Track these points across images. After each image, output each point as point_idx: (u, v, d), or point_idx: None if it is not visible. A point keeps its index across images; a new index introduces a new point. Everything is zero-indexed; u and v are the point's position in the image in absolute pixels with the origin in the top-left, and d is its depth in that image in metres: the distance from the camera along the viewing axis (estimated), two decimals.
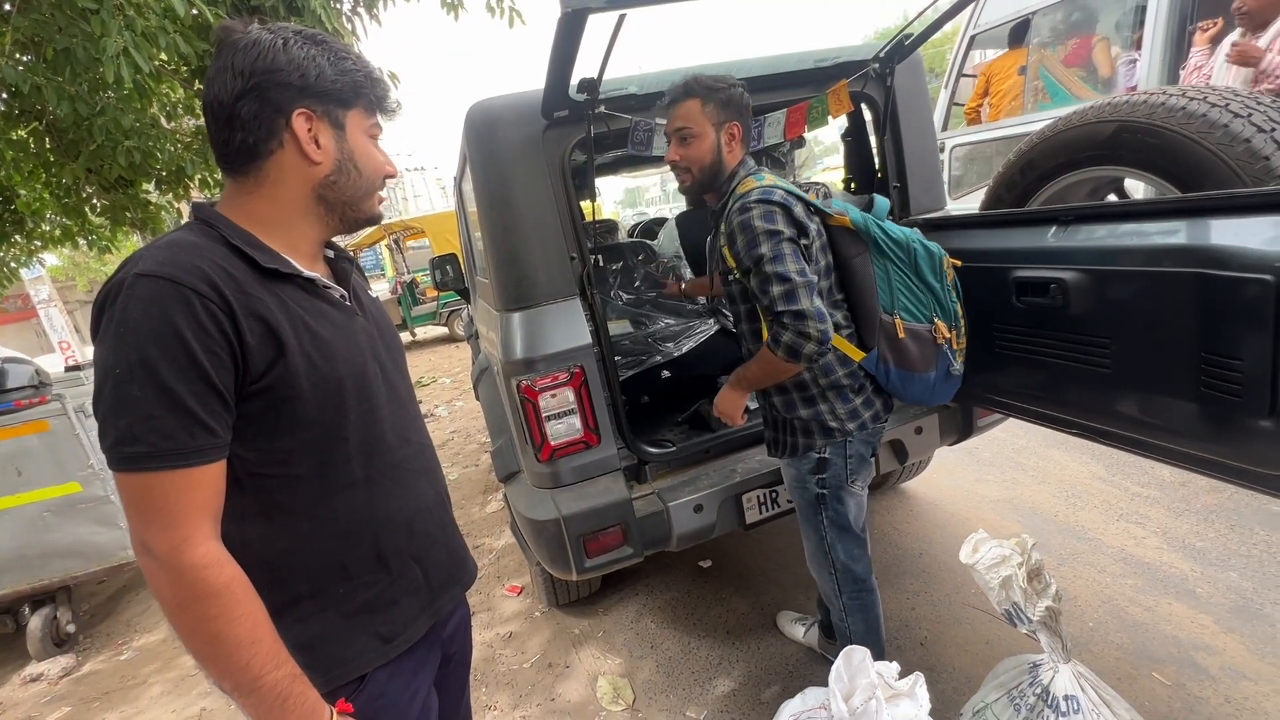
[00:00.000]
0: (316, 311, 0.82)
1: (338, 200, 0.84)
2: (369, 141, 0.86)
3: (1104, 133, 1.46)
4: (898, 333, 1.47)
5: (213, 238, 0.76)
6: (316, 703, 0.75)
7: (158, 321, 0.67)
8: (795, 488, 1.59)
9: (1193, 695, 1.69)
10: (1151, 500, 2.60)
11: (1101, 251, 1.36)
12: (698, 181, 1.48)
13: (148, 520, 0.68)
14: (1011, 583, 1.22)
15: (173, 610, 0.69)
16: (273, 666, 0.71)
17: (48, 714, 2.49)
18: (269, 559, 0.78)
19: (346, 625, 0.83)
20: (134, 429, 0.67)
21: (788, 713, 1.37)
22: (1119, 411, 1.44)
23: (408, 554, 0.89)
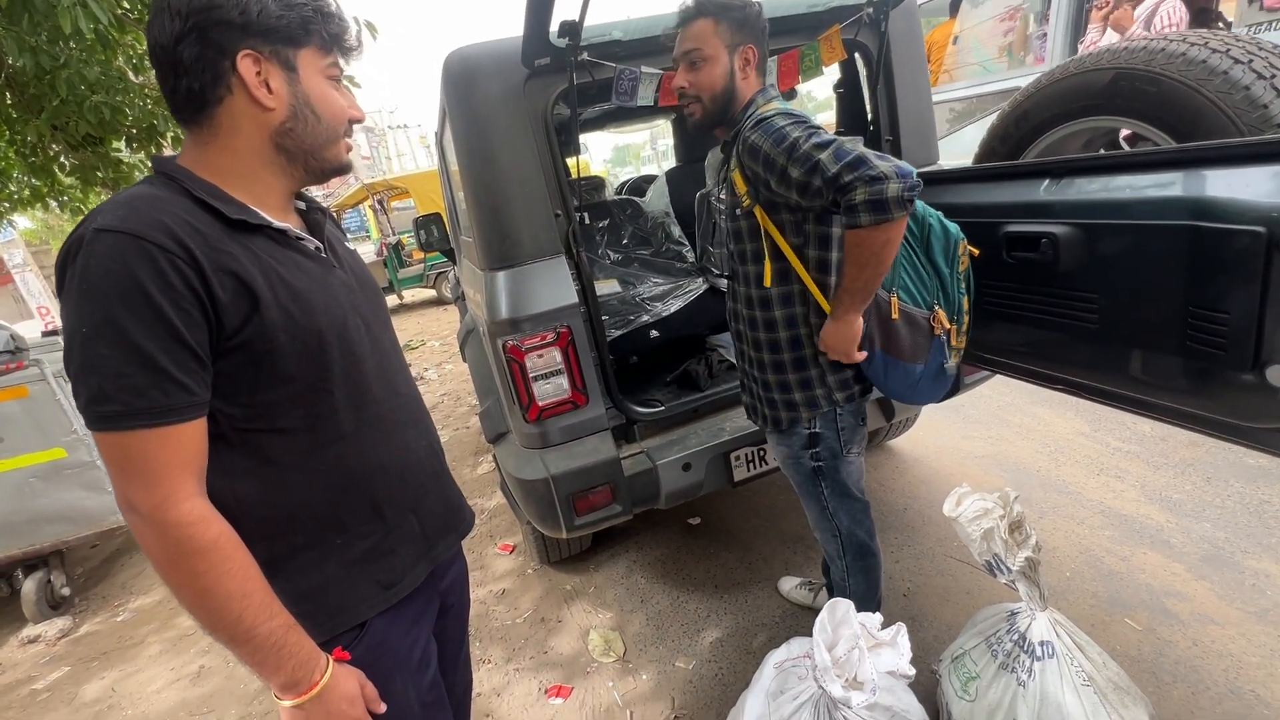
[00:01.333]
0: (290, 263, 0.79)
1: (298, 149, 0.79)
2: (327, 83, 0.80)
3: (1101, 81, 1.42)
4: (891, 312, 1.33)
5: (175, 191, 0.73)
6: (312, 651, 0.76)
7: (121, 278, 0.64)
8: (789, 464, 1.52)
9: (1162, 639, 1.75)
10: (1131, 455, 2.65)
11: (1093, 204, 1.34)
12: (708, 112, 1.33)
13: (129, 478, 0.68)
14: (993, 534, 1.25)
15: (162, 566, 0.69)
16: (266, 618, 0.71)
17: (48, 673, 2.53)
18: (264, 513, 0.78)
19: (345, 574, 0.83)
20: (104, 388, 0.65)
21: (772, 662, 1.40)
22: (1105, 367, 1.44)
23: (402, 504, 0.89)
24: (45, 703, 2.36)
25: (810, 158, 1.14)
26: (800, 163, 1.15)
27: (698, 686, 1.87)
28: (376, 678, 0.84)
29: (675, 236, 2.68)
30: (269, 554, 0.78)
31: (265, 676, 0.74)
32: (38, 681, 2.49)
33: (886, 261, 1.19)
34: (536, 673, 2.05)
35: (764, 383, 1.45)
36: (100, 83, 3.63)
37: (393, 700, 0.87)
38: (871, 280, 1.21)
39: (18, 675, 2.56)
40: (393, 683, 0.87)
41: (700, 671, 1.92)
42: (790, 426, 1.44)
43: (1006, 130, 1.70)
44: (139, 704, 2.25)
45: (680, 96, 1.36)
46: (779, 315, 1.37)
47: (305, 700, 0.75)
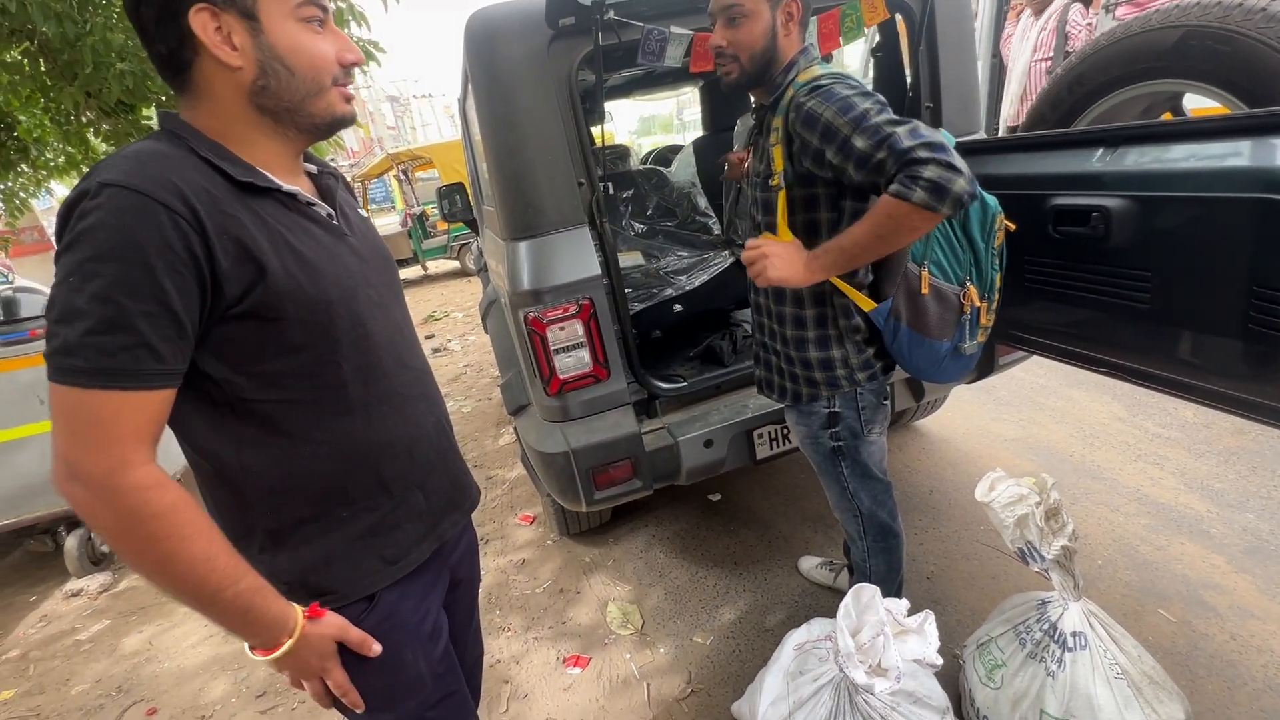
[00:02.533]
0: (299, 229, 0.76)
1: (279, 107, 0.73)
2: (299, 28, 0.72)
3: (1167, 40, 1.31)
4: (921, 287, 1.26)
5: (183, 149, 0.69)
6: (280, 612, 0.74)
7: (119, 234, 0.62)
8: (808, 443, 1.47)
9: (1198, 632, 1.70)
10: (1172, 441, 2.55)
11: (1152, 176, 1.25)
12: (745, 73, 1.24)
13: (80, 441, 0.63)
14: (1027, 521, 1.20)
15: (115, 536, 0.65)
16: (231, 581, 0.69)
17: (90, 625, 2.64)
18: (270, 484, 0.76)
19: (350, 548, 0.82)
20: (71, 342, 0.62)
21: (792, 642, 1.39)
22: (1155, 349, 1.37)
23: (409, 480, 0.87)
24: (88, 653, 2.46)
25: (880, 131, 1.05)
26: (869, 134, 1.06)
27: (714, 662, 1.87)
28: (388, 650, 0.84)
29: (701, 208, 2.62)
30: (275, 525, 0.78)
31: (235, 635, 0.74)
32: (81, 633, 2.60)
33: (899, 245, 1.12)
34: (555, 642, 2.07)
35: (786, 356, 1.39)
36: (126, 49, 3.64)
37: (404, 672, 0.87)
38: (869, 253, 1.13)
39: (62, 626, 2.67)
40: (404, 654, 0.87)
41: (718, 647, 1.92)
42: (809, 403, 1.39)
43: (1059, 96, 1.60)
44: (175, 657, 2.34)
45: (716, 56, 1.27)
46: (806, 290, 1.30)
47: (278, 656, 0.75)
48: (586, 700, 1.83)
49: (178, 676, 2.23)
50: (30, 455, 2.74)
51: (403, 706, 0.88)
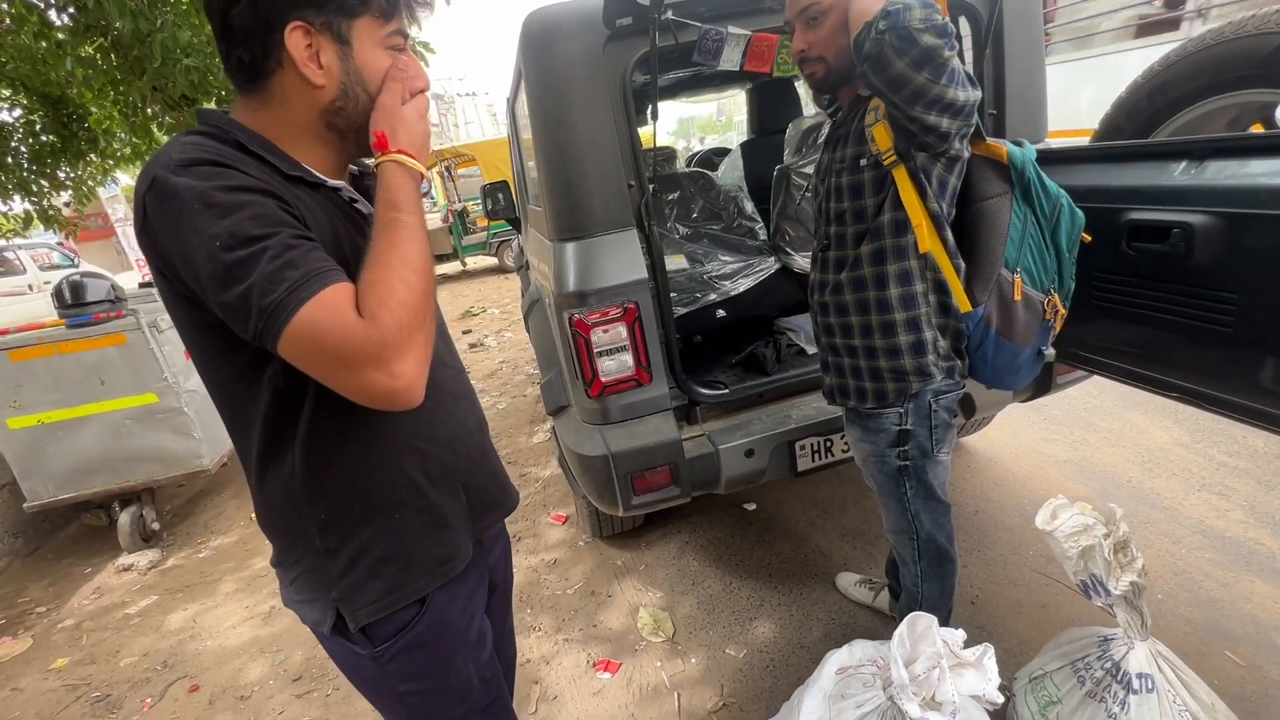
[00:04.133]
0: (343, 224, 0.76)
1: (348, 126, 0.75)
2: (384, 55, 0.74)
3: (1265, 48, 1.23)
4: (1014, 293, 1.26)
5: (229, 143, 0.69)
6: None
7: (217, 197, 0.61)
8: (873, 462, 1.42)
9: (1269, 678, 1.59)
10: (1239, 471, 2.41)
11: (1242, 191, 1.17)
12: (833, 70, 1.23)
13: (327, 354, 0.61)
14: (1093, 553, 1.13)
15: (417, 315, 0.65)
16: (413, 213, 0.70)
17: (138, 600, 2.74)
18: (324, 484, 0.76)
19: (403, 549, 0.82)
20: (264, 283, 0.59)
21: (834, 664, 1.34)
22: (1237, 375, 1.29)
23: (455, 476, 0.87)
24: (136, 627, 2.56)
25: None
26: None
27: (748, 676, 1.83)
28: (439, 654, 0.83)
29: (748, 212, 2.58)
30: (330, 526, 0.77)
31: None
32: (130, 607, 2.70)
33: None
34: (585, 645, 2.06)
35: (868, 350, 1.32)
36: (192, 46, 3.78)
37: (455, 676, 0.86)
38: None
39: (114, 599, 2.79)
40: (454, 659, 0.86)
41: (751, 661, 1.88)
42: (894, 402, 1.31)
43: (1137, 105, 1.52)
44: (216, 636, 2.41)
45: (801, 62, 1.25)
46: (892, 270, 1.25)
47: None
48: (616, 707, 1.81)
49: (219, 655, 2.30)
50: (90, 433, 2.86)
51: (453, 712, 0.87)
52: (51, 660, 2.42)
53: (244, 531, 3.20)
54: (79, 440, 2.86)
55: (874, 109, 1.20)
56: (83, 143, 5.31)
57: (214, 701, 2.08)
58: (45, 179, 5.33)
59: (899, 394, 1.31)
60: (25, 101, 4.83)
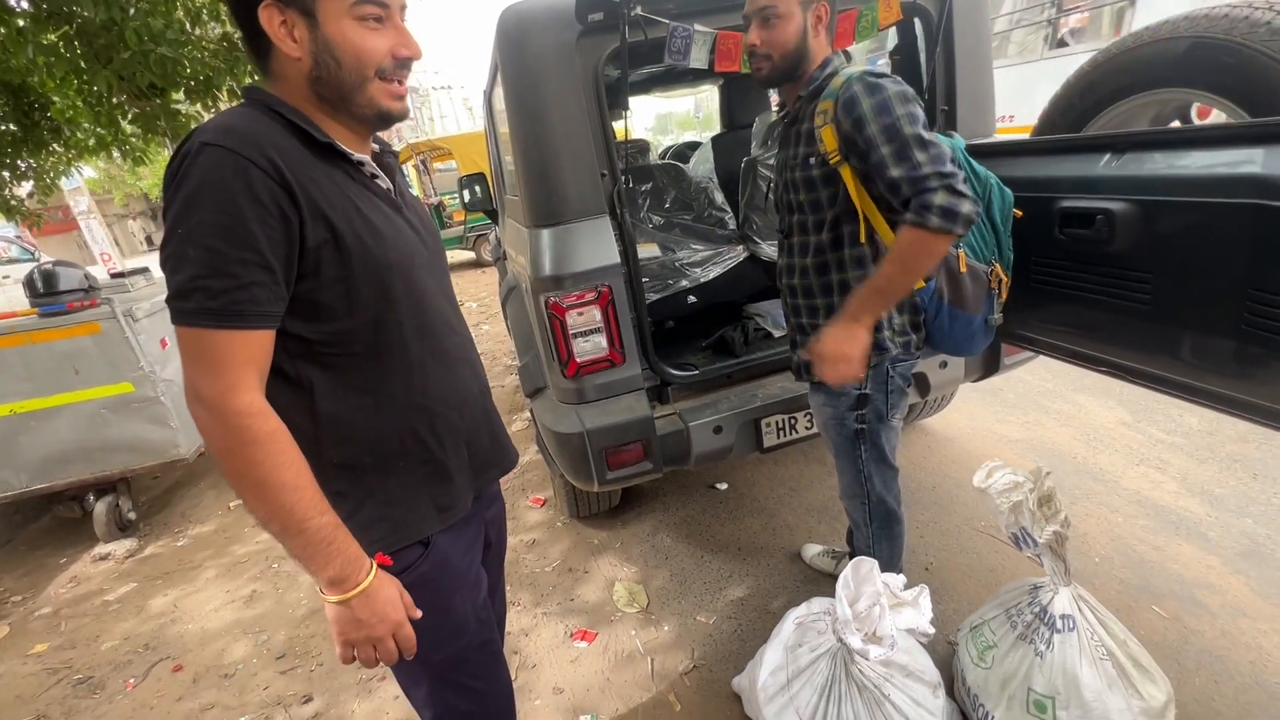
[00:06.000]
0: (365, 198, 0.84)
1: (332, 96, 0.80)
2: (353, 25, 0.77)
3: (1176, 50, 1.36)
4: (960, 266, 1.40)
5: (269, 115, 0.78)
6: (358, 552, 0.80)
7: (217, 189, 0.69)
8: (832, 425, 1.54)
9: (1189, 628, 1.74)
10: (1175, 447, 2.59)
11: (1155, 181, 1.30)
12: (777, 69, 1.34)
13: (197, 368, 0.73)
14: (1021, 507, 1.26)
15: (221, 454, 0.73)
16: (316, 513, 0.76)
17: (117, 588, 2.75)
18: (338, 432, 0.84)
19: (407, 493, 0.90)
20: (184, 286, 0.71)
21: (793, 618, 1.45)
22: (1153, 349, 1.42)
23: (458, 435, 0.95)
24: (116, 612, 2.57)
25: (906, 147, 1.16)
26: (891, 145, 1.17)
27: (717, 640, 1.94)
28: (440, 591, 0.91)
29: (718, 203, 2.67)
30: (339, 470, 0.85)
31: (314, 570, 0.78)
32: (109, 594, 2.71)
33: (925, 271, 1.25)
34: (563, 617, 2.14)
35: None
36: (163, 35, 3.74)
37: (453, 613, 0.94)
38: (900, 286, 1.25)
39: (91, 587, 2.79)
40: (454, 598, 0.94)
41: (720, 627, 1.99)
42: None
43: (1069, 102, 1.65)
44: (199, 620, 2.44)
45: (750, 55, 1.36)
46: (848, 255, 1.38)
47: (351, 596, 0.79)
48: (592, 672, 1.90)
49: (201, 637, 2.33)
50: (64, 423, 2.85)
51: (450, 646, 0.95)
52: (30, 646, 2.43)
53: (223, 520, 3.21)
54: (52, 430, 2.85)
55: (822, 111, 1.29)
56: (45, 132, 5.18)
57: (198, 680, 2.12)
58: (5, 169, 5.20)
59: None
60: None
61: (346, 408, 0.84)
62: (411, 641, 0.85)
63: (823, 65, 1.34)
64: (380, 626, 0.82)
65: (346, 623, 0.80)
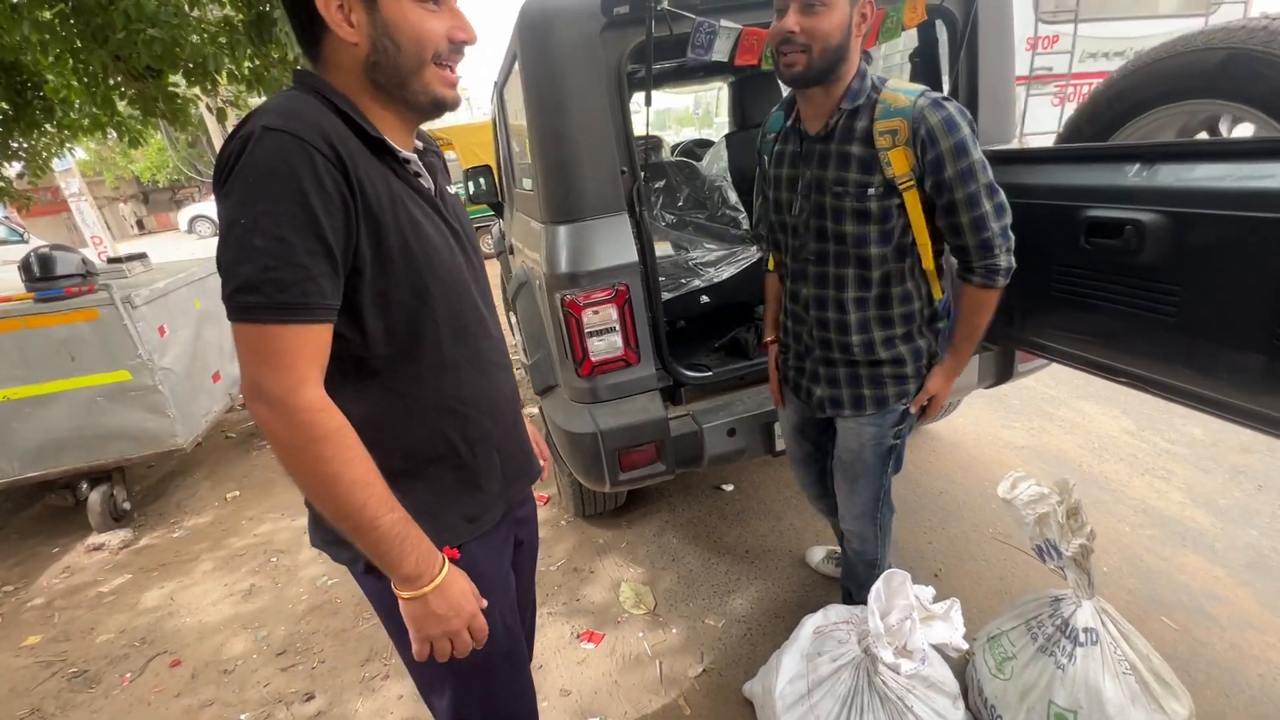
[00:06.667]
0: (408, 195, 0.81)
1: (387, 82, 0.77)
2: (412, 6, 0.74)
3: (1211, 61, 1.34)
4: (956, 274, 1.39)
5: (323, 101, 0.75)
6: (430, 547, 0.79)
7: (283, 177, 0.67)
8: (870, 447, 1.43)
9: (1198, 640, 1.75)
10: (1179, 457, 2.60)
11: (1189, 192, 1.29)
12: (813, 66, 1.16)
13: (262, 364, 0.69)
14: (1048, 519, 1.25)
15: (289, 452, 0.71)
16: (387, 509, 0.74)
17: (111, 579, 2.71)
18: (370, 434, 0.80)
19: (436, 501, 0.87)
20: (252, 279, 0.67)
21: (810, 626, 1.44)
22: (1181, 362, 1.41)
23: (490, 441, 0.93)
24: (111, 604, 2.53)
25: (978, 198, 1.19)
26: (966, 190, 1.19)
27: (726, 644, 1.93)
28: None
29: (732, 202, 2.65)
30: None
31: (389, 567, 0.76)
32: (103, 585, 2.66)
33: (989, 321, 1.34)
34: (569, 618, 2.12)
35: (870, 363, 1.37)
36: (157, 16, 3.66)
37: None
38: (978, 337, 1.36)
39: (85, 578, 2.74)
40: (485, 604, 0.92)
41: (729, 630, 1.98)
42: (895, 401, 1.39)
43: (1096, 111, 1.63)
44: (195, 613, 2.40)
45: (783, 43, 1.17)
46: (896, 292, 1.32)
47: (428, 590, 0.78)
48: (600, 674, 1.88)
49: (199, 631, 2.30)
50: (58, 410, 2.80)
51: (478, 653, 0.93)
52: (23, 638, 2.38)
53: (219, 511, 3.17)
54: (47, 417, 2.79)
55: (889, 132, 1.19)
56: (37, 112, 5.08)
57: (196, 676, 2.09)
58: None
59: (899, 396, 1.38)
60: None
61: (378, 409, 0.82)
62: (484, 632, 0.85)
63: (860, 75, 1.22)
64: (456, 620, 0.81)
65: (424, 619, 0.79)
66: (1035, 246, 1.68)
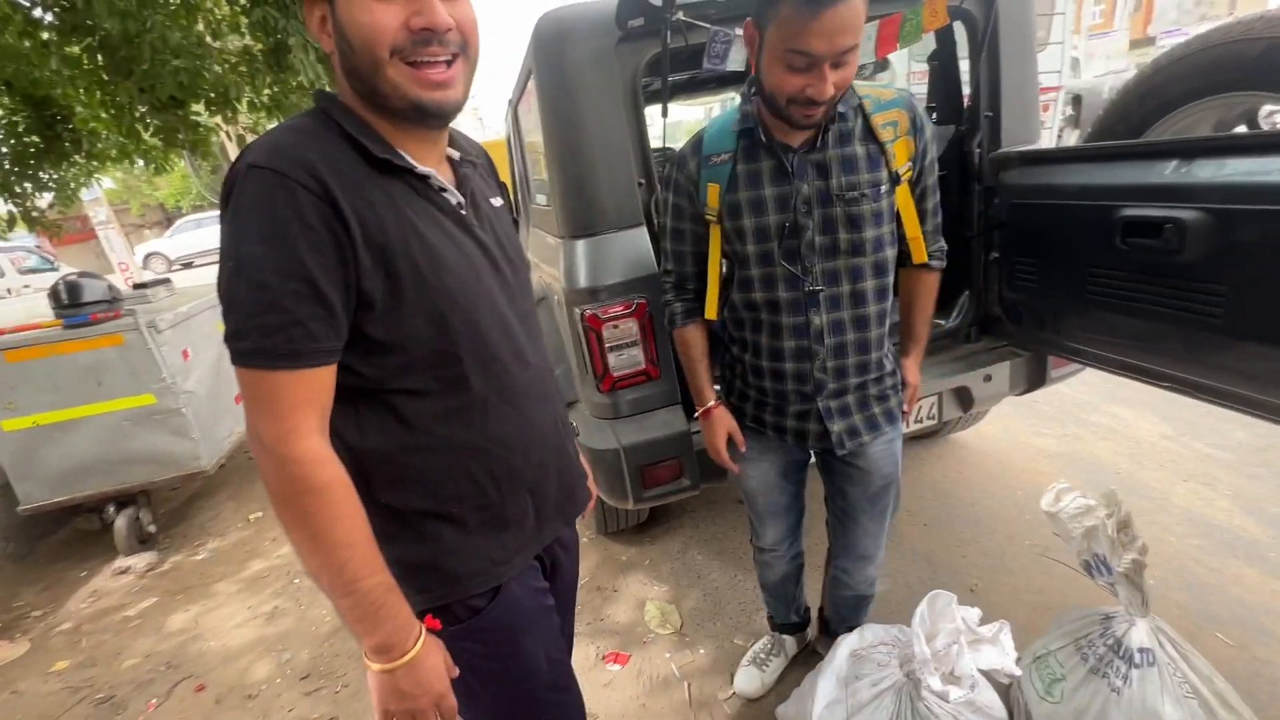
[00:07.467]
0: (427, 216, 0.76)
1: (364, 89, 0.72)
2: (367, 4, 0.67)
3: (1250, 52, 1.30)
4: None
5: (328, 125, 0.72)
6: (409, 617, 0.75)
7: (265, 217, 0.65)
8: (892, 457, 1.36)
9: (1259, 658, 1.65)
10: (1223, 463, 2.49)
11: (1234, 188, 1.24)
12: (826, 114, 1.08)
13: (256, 409, 0.69)
14: (1097, 533, 1.19)
15: (277, 500, 0.69)
16: (368, 573, 0.71)
17: (138, 603, 2.72)
18: (390, 472, 0.78)
19: (459, 544, 0.82)
20: (241, 326, 0.67)
21: (846, 647, 1.38)
22: (1227, 364, 1.35)
23: (521, 482, 0.87)
24: (136, 629, 2.53)
25: (937, 186, 1.26)
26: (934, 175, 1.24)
27: None
28: (509, 634, 0.85)
29: None
30: (390, 512, 0.79)
31: (361, 634, 0.73)
32: (129, 609, 2.68)
33: None
34: (593, 638, 2.08)
35: (880, 378, 1.29)
36: (181, 48, 3.75)
37: (522, 655, 0.88)
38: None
39: (111, 602, 2.75)
40: (523, 639, 0.88)
41: None
42: (898, 409, 1.35)
43: (1128, 107, 1.58)
44: (220, 637, 2.40)
45: (810, 103, 1.03)
46: (889, 304, 1.25)
47: (397, 665, 0.73)
48: (628, 697, 1.84)
49: (224, 655, 2.29)
50: (85, 435, 2.83)
51: (520, 687, 0.89)
52: (51, 664, 2.39)
53: (242, 533, 3.18)
54: (75, 442, 2.82)
55: (891, 123, 1.14)
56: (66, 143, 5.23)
57: (221, 701, 2.08)
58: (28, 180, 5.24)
59: (899, 402, 1.35)
60: (8, 102, 4.75)
61: (399, 447, 0.78)
62: (453, 711, 0.79)
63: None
64: (423, 699, 0.76)
65: (388, 692, 0.75)
66: (1067, 249, 1.64)
